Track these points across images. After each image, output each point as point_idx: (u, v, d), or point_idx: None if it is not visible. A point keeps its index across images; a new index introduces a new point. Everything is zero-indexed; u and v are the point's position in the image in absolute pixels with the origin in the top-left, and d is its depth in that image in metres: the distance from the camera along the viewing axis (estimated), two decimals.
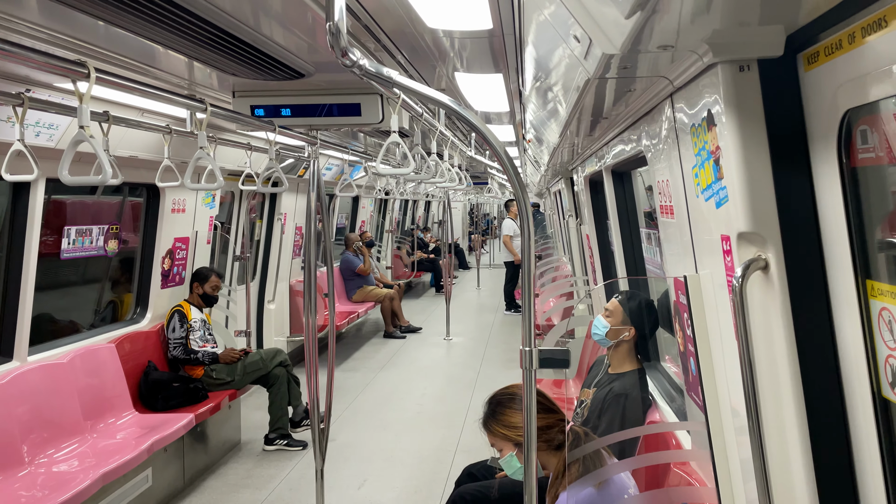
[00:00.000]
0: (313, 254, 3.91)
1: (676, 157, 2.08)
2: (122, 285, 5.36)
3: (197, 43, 2.54)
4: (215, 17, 2.28)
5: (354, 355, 8.61)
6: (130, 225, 5.32)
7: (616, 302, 3.30)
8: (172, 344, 5.09)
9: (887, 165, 1.31)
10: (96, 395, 4.36)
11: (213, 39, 2.50)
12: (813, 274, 1.50)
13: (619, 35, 1.46)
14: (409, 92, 1.60)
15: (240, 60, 2.84)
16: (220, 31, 2.42)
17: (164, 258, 5.19)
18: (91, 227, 4.70)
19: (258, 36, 2.58)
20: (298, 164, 6.73)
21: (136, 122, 3.61)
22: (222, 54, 2.72)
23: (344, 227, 11.21)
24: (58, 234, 4.44)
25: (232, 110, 3.51)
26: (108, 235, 4.83)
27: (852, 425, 1.49)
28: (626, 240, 4.18)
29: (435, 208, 19.28)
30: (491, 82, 3.70)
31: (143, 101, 3.62)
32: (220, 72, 3.16)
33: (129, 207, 5.38)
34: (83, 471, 3.67)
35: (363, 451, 5.35)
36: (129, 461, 3.82)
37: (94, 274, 5.41)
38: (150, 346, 5.06)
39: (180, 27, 2.32)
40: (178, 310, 5.18)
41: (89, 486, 3.47)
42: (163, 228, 5.11)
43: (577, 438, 2.41)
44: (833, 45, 1.31)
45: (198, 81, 3.52)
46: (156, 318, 5.21)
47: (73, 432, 4.08)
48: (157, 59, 3.03)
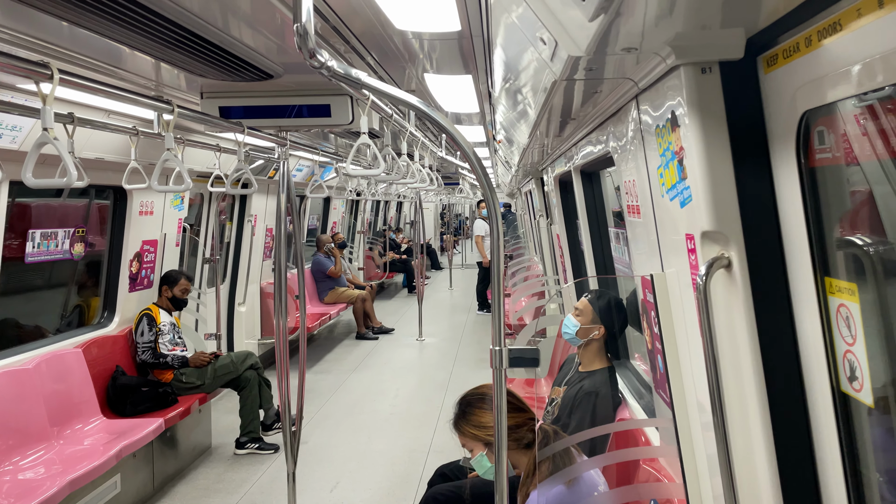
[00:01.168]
0: (284, 255, 3.89)
1: (642, 158, 2.11)
2: (88, 289, 5.28)
3: (164, 44, 2.51)
4: (182, 18, 2.26)
5: (326, 357, 8.57)
6: (97, 228, 5.24)
7: (586, 301, 3.33)
8: (141, 348, 5.02)
9: (844, 165, 1.35)
10: (63, 401, 4.28)
11: (180, 40, 2.48)
12: (774, 272, 1.54)
13: (584, 37, 1.48)
14: (378, 93, 1.61)
15: (208, 61, 2.82)
16: (187, 31, 2.40)
17: (131, 261, 5.12)
18: (56, 230, 4.62)
19: (226, 37, 2.57)
20: (268, 165, 6.69)
21: (101, 124, 3.55)
22: (190, 55, 2.70)
23: (315, 228, 11.16)
24: (22, 237, 4.35)
25: (200, 111, 3.48)
26: (74, 239, 4.76)
27: (813, 419, 1.52)
28: (595, 239, 4.23)
29: (407, 209, 19.27)
30: (461, 83, 3.71)
31: (108, 103, 3.57)
32: (187, 73, 3.13)
33: (96, 210, 5.30)
34: (50, 478, 3.60)
35: (335, 454, 5.33)
36: (97, 467, 3.76)
37: (60, 278, 5.32)
38: (118, 351, 4.99)
39: (146, 28, 2.29)
40: (146, 313, 5.11)
41: (56, 493, 3.41)
42: (130, 231, 5.04)
43: (546, 437, 2.43)
44: (791, 47, 1.35)
45: (165, 82, 3.48)
46: (124, 322, 5.14)
47: (40, 439, 4.01)
48: (122, 60, 3.00)
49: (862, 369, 1.33)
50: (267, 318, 7.78)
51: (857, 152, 1.28)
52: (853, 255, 1.36)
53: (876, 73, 1.09)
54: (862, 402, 1.36)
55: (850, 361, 1.36)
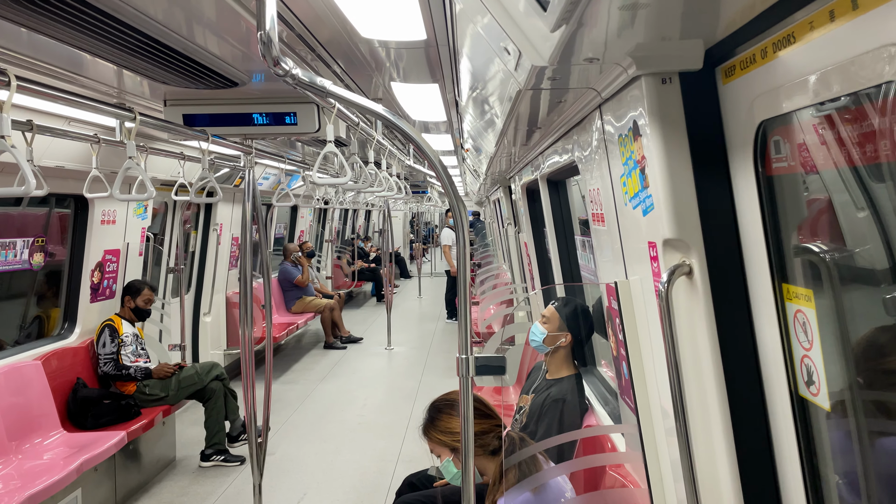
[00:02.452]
0: (249, 265, 3.85)
1: (606, 167, 2.14)
2: (48, 300, 5.16)
3: (126, 51, 2.48)
4: (145, 24, 2.23)
5: (294, 367, 8.49)
6: (58, 237, 5.14)
7: (552, 308, 3.35)
8: (103, 360, 4.93)
9: (800, 174, 1.38)
10: (22, 415, 4.18)
11: (142, 47, 2.45)
12: (733, 278, 1.57)
13: (547, 48, 1.50)
14: (344, 102, 1.60)
15: (171, 69, 2.79)
16: (150, 39, 2.37)
17: (93, 271, 5.02)
18: (15, 239, 4.52)
19: (190, 44, 2.54)
20: (234, 173, 6.62)
21: (61, 132, 3.49)
22: (153, 62, 2.66)
23: (282, 237, 11.07)
24: None
25: (163, 119, 3.44)
26: (33, 248, 4.65)
27: (772, 423, 1.55)
28: (561, 247, 4.27)
29: (375, 217, 19.22)
30: (427, 92, 3.72)
31: (69, 110, 3.51)
32: (150, 80, 3.09)
33: (57, 219, 5.19)
34: (8, 493, 3.51)
35: (302, 465, 5.27)
36: (57, 482, 3.68)
37: (19, 288, 5.19)
38: (79, 363, 4.89)
39: (108, 35, 2.26)
40: (108, 324, 5.02)
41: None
42: (92, 240, 4.95)
43: (513, 444, 2.44)
44: (748, 59, 1.38)
45: (127, 90, 3.43)
46: (85, 334, 5.03)
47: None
48: (84, 67, 2.95)
49: (819, 374, 1.35)
50: (233, 329, 7.69)
51: (812, 161, 1.31)
52: (809, 261, 1.39)
53: (829, 83, 1.12)
54: (819, 406, 1.39)
55: (808, 366, 1.39)
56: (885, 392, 1.33)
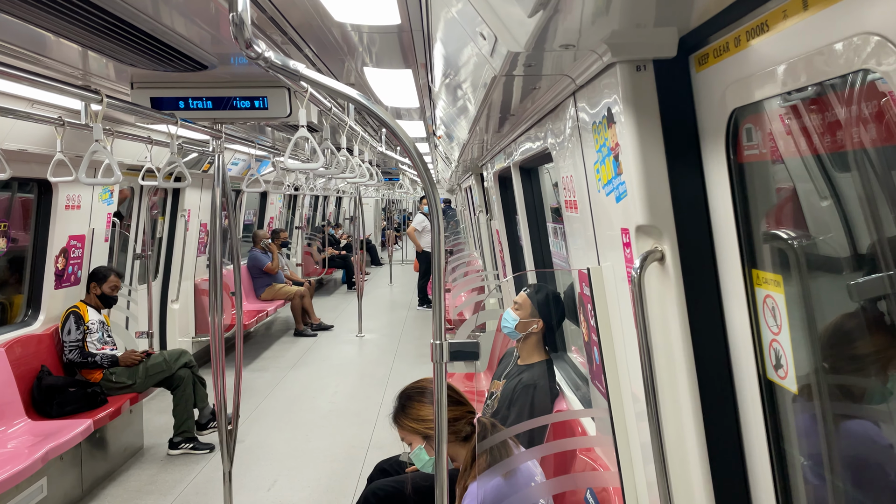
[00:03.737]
0: (219, 251, 3.81)
1: (579, 154, 2.15)
2: (11, 286, 5.05)
3: (91, 31, 2.42)
4: (111, 4, 2.18)
5: (264, 355, 8.43)
6: (20, 222, 5.02)
7: (525, 295, 3.37)
8: (68, 347, 4.84)
9: (770, 162, 1.40)
10: None
11: (108, 28, 2.39)
12: (705, 264, 1.59)
13: (523, 33, 1.50)
14: (317, 85, 1.58)
15: (138, 50, 2.73)
16: (116, 19, 2.31)
17: (57, 257, 4.92)
18: None
19: (157, 25, 2.49)
20: (203, 158, 6.52)
21: (24, 114, 3.40)
22: (119, 44, 2.60)
23: (252, 223, 10.95)
24: None
25: (130, 102, 3.37)
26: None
27: (741, 406, 1.58)
28: (533, 234, 4.29)
29: (346, 204, 19.11)
30: (400, 78, 3.70)
31: (32, 92, 3.42)
32: (116, 62, 3.02)
33: (19, 204, 5.07)
34: None
35: (273, 452, 5.25)
36: (22, 471, 3.62)
37: None
38: (44, 350, 4.80)
39: (73, 15, 2.20)
40: (73, 311, 4.93)
41: None
42: (56, 226, 4.84)
43: (484, 430, 2.45)
44: (721, 47, 1.39)
45: (93, 71, 3.35)
46: (49, 321, 4.94)
47: None
48: (47, 48, 2.87)
49: (786, 357, 1.38)
50: (201, 316, 7.60)
51: (781, 149, 1.33)
52: (778, 248, 1.42)
53: (799, 73, 1.14)
54: (787, 389, 1.42)
55: (776, 350, 1.41)
56: (850, 376, 1.36)
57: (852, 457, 1.37)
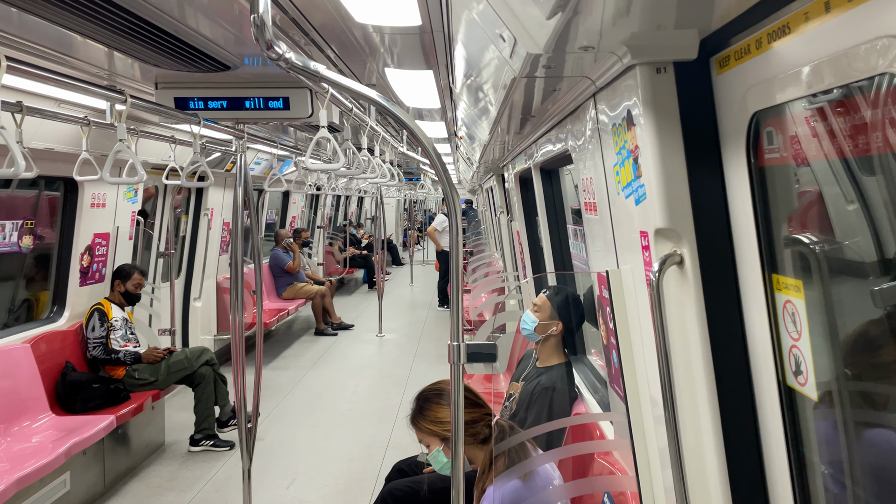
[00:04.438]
0: (240, 250, 3.84)
1: (599, 156, 2.14)
2: (37, 283, 5.14)
3: (117, 33, 2.45)
4: (136, 6, 2.21)
5: (284, 353, 8.49)
6: (47, 220, 5.10)
7: (544, 297, 3.36)
8: (92, 343, 4.91)
9: (792, 165, 1.38)
10: (10, 398, 4.17)
11: (134, 29, 2.43)
12: (724, 268, 1.57)
13: (542, 35, 1.49)
14: (337, 86, 1.59)
15: (163, 51, 2.76)
16: (141, 20, 2.34)
17: (82, 255, 4.99)
18: (4, 221, 4.49)
19: (182, 27, 2.52)
20: (226, 157, 6.58)
21: (51, 114, 3.46)
22: (144, 45, 2.64)
23: (274, 222, 11.03)
24: None
25: (154, 102, 3.41)
26: (22, 231, 4.62)
27: (760, 412, 1.56)
28: (553, 236, 4.27)
29: (367, 204, 19.18)
30: (422, 79, 3.70)
31: (59, 92, 3.48)
32: (141, 62, 3.06)
33: (46, 202, 5.16)
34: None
35: (292, 450, 5.28)
36: (46, 465, 3.68)
37: (8, 271, 5.16)
38: (68, 346, 4.87)
39: (99, 16, 2.24)
40: (97, 308, 5.00)
41: (3, 491, 3.33)
42: (81, 224, 4.92)
43: (502, 432, 2.45)
44: (742, 49, 1.37)
45: (118, 72, 3.40)
46: (74, 317, 5.01)
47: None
48: (74, 48, 2.92)
49: (806, 364, 1.36)
50: (223, 314, 7.68)
51: (804, 153, 1.32)
52: (799, 252, 1.40)
53: (822, 75, 1.12)
54: (806, 396, 1.40)
55: (796, 356, 1.40)
56: (872, 383, 1.34)
57: (874, 466, 1.34)
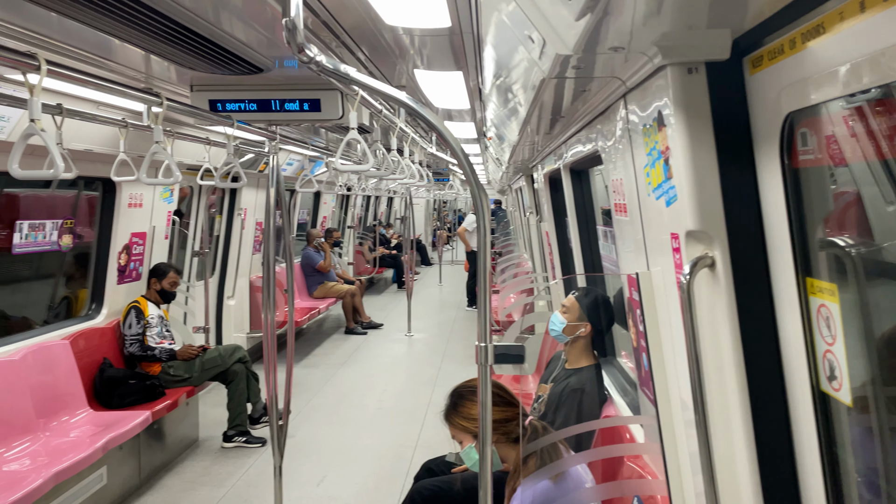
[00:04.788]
0: (272, 249, 3.89)
1: (629, 157, 2.13)
2: (76, 281, 5.26)
3: (154, 36, 2.50)
4: (172, 10, 2.25)
5: (315, 351, 8.57)
6: (86, 219, 5.22)
7: (573, 298, 3.35)
8: (129, 340, 5.01)
9: (826, 167, 1.36)
10: (49, 393, 4.27)
11: (170, 33, 2.47)
12: (757, 271, 1.56)
13: (571, 36, 1.49)
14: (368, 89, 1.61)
15: (197, 54, 2.81)
16: (177, 24, 2.39)
17: (120, 253, 5.10)
18: (45, 221, 4.60)
19: (216, 30, 2.56)
20: (258, 159, 6.67)
21: (90, 116, 3.54)
22: (180, 48, 2.68)
23: (305, 222, 11.14)
24: (10, 228, 4.33)
25: (189, 104, 3.47)
26: (62, 230, 4.73)
27: (793, 418, 1.54)
28: (583, 237, 4.25)
29: (397, 204, 19.25)
30: (451, 80, 3.71)
31: (98, 94, 3.55)
32: (177, 65, 3.11)
33: (85, 202, 5.28)
34: (35, 470, 3.60)
35: (323, 448, 5.33)
36: (83, 459, 3.76)
37: (48, 269, 5.29)
38: (106, 343, 4.98)
39: (137, 20, 2.28)
40: (134, 306, 5.10)
41: (41, 485, 3.40)
42: (119, 223, 5.02)
43: (534, 432, 2.45)
44: (776, 49, 1.36)
45: (155, 75, 3.46)
46: (112, 315, 5.12)
47: (26, 430, 4.00)
48: (112, 52, 2.98)
49: (841, 369, 1.34)
50: (255, 312, 7.77)
51: (839, 154, 1.30)
52: (834, 255, 1.38)
53: (858, 75, 1.11)
54: (841, 402, 1.38)
55: (830, 361, 1.37)
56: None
57: None
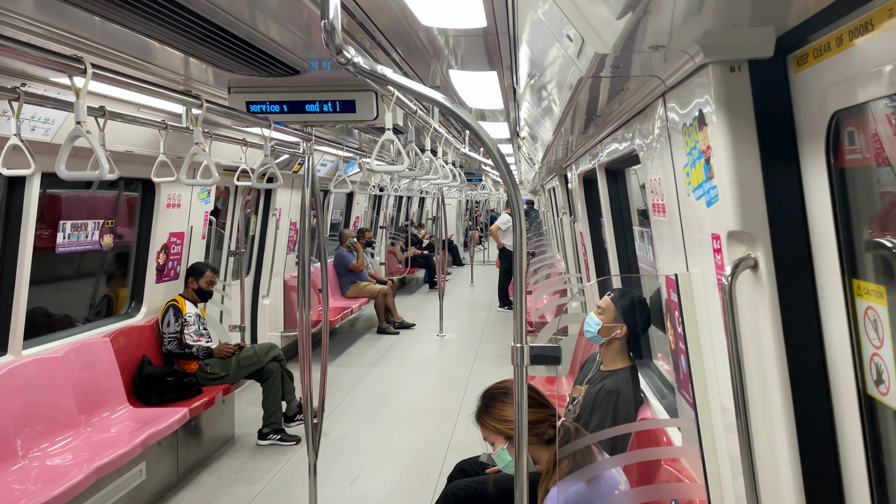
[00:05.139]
0: (307, 249, 3.92)
1: (668, 156, 2.10)
2: (117, 280, 5.37)
3: (193, 39, 2.54)
4: (211, 13, 2.29)
5: (348, 351, 8.62)
6: (126, 219, 5.32)
7: (608, 299, 3.32)
8: (167, 338, 5.10)
9: (874, 166, 1.33)
10: (91, 389, 4.36)
11: (209, 36, 2.51)
12: (801, 273, 1.52)
13: (611, 35, 1.48)
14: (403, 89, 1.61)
15: (236, 57, 2.85)
16: (216, 27, 2.42)
17: (159, 253, 5.19)
18: (86, 221, 4.70)
19: (254, 32, 2.59)
20: (293, 159, 6.73)
21: (132, 118, 3.61)
22: (218, 50, 2.72)
23: (338, 222, 11.22)
24: (53, 228, 4.43)
25: (227, 106, 3.52)
26: (103, 230, 4.83)
27: (838, 422, 1.51)
28: (619, 237, 4.21)
29: (429, 205, 19.28)
30: (485, 80, 3.70)
31: (139, 97, 3.62)
32: (215, 68, 3.16)
33: (125, 202, 5.38)
34: (77, 464, 3.68)
35: (356, 447, 5.36)
36: (123, 455, 3.83)
37: (90, 268, 5.40)
38: (145, 341, 5.07)
39: (176, 23, 2.32)
40: (172, 304, 5.19)
41: (83, 479, 3.48)
42: (158, 223, 5.11)
43: (567, 434, 2.43)
44: (822, 47, 1.33)
45: (194, 77, 3.52)
46: (150, 313, 5.21)
47: (68, 426, 4.09)
48: (153, 55, 3.03)
49: (889, 372, 1.31)
50: (290, 311, 7.85)
51: (888, 153, 1.26)
52: (882, 256, 1.34)
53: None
54: (888, 406, 1.34)
55: (877, 364, 1.34)
56: None
57: None
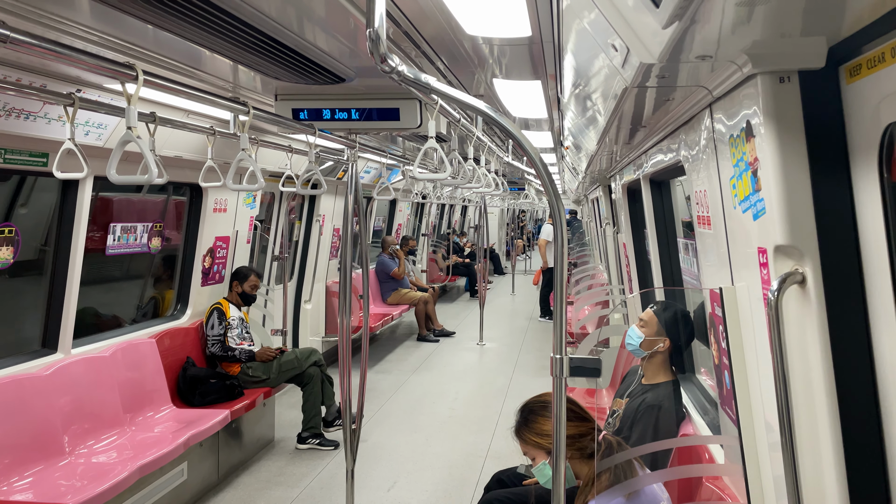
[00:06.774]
0: (349, 255, 3.95)
1: (714, 168, 2.06)
2: (163, 282, 5.48)
3: (241, 47, 2.60)
4: (260, 22, 2.33)
5: (388, 357, 8.66)
6: (173, 223, 5.44)
7: (651, 312, 3.27)
8: (211, 341, 5.19)
9: None
10: (136, 389, 4.46)
11: (257, 44, 2.56)
12: (851, 289, 1.48)
13: (657, 45, 1.46)
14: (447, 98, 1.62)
15: (283, 64, 2.90)
16: (264, 35, 2.47)
17: (205, 256, 5.29)
18: (136, 224, 4.82)
19: (301, 41, 2.63)
20: (338, 166, 6.81)
21: (181, 124, 3.69)
22: (266, 58, 2.78)
23: (381, 229, 11.30)
24: (104, 230, 4.55)
25: (274, 113, 3.57)
26: (151, 233, 4.95)
27: (888, 444, 1.46)
28: (662, 249, 4.14)
29: (471, 213, 19.29)
30: (529, 89, 3.70)
31: (188, 103, 3.70)
32: (263, 75, 3.22)
33: (173, 206, 5.50)
34: (121, 462, 3.76)
35: (394, 453, 5.37)
36: (166, 454, 3.90)
37: (138, 270, 5.54)
38: (189, 342, 5.17)
39: (225, 31, 2.37)
40: (217, 307, 5.28)
41: (127, 477, 3.55)
42: (205, 227, 5.21)
43: (608, 448, 2.39)
44: (876, 57, 1.29)
45: (241, 84, 3.59)
46: (195, 315, 5.31)
47: (113, 424, 4.18)
48: (202, 62, 3.10)
49: None
50: (331, 316, 7.92)
51: None
52: None
53: None
54: None
55: None
56: None
57: None
